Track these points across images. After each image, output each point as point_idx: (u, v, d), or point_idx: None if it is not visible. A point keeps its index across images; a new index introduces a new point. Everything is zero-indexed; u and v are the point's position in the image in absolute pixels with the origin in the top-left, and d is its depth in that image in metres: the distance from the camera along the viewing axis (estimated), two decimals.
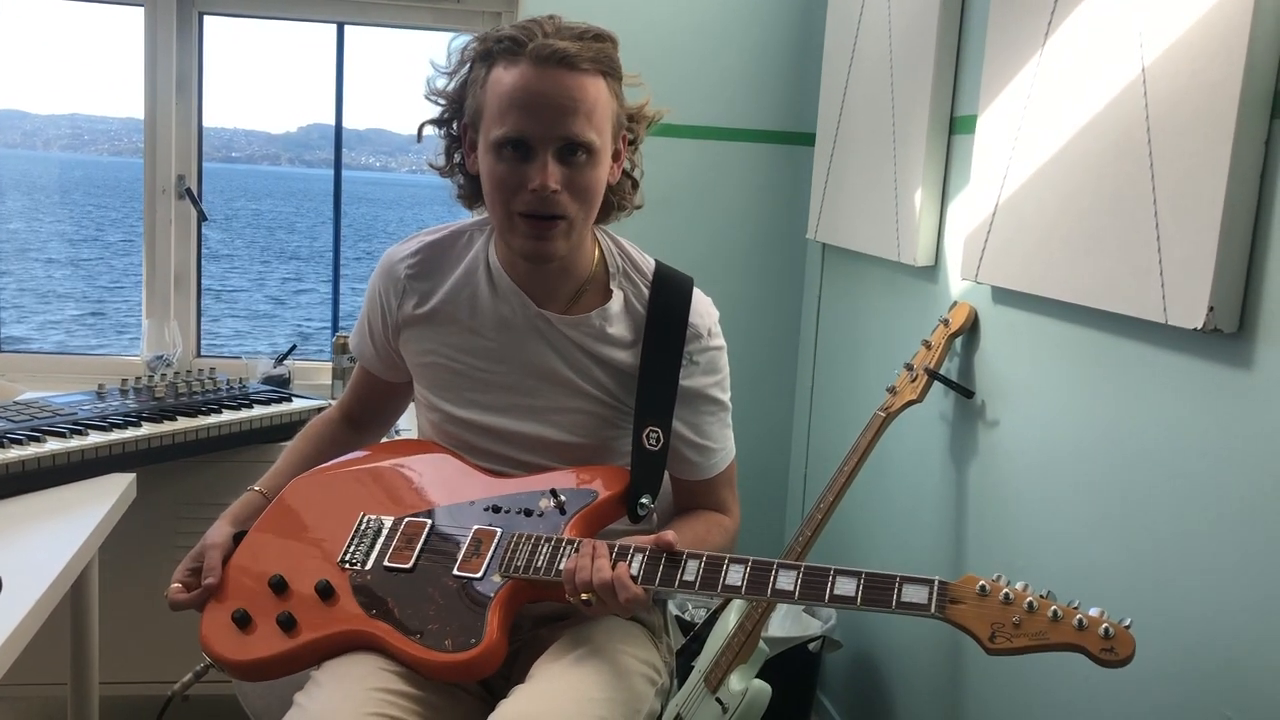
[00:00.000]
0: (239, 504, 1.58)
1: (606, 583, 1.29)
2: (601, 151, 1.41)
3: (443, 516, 1.47)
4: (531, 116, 1.36)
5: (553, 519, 1.42)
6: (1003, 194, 1.81)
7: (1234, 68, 1.29)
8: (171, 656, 1.63)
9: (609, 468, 1.50)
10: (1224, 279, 1.33)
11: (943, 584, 1.17)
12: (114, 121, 47.31)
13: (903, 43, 2.22)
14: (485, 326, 1.51)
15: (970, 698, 1.98)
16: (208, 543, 1.50)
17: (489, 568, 1.37)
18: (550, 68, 1.36)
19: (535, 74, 1.36)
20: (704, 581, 1.29)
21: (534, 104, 1.36)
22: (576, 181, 1.39)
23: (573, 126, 1.36)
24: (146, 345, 2.68)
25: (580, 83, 1.37)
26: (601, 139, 1.40)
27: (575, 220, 1.41)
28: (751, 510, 1.69)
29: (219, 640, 1.40)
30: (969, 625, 1.15)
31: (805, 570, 1.25)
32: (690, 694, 2.15)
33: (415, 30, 2.87)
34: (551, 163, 1.36)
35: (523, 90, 1.36)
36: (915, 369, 2.01)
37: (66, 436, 1.94)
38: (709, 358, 1.52)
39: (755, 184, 2.83)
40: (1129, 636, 1.10)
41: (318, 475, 1.60)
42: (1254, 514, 1.33)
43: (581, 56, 1.36)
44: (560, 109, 1.36)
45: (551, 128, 1.36)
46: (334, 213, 3.05)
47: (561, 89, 1.36)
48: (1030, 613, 1.13)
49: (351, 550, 1.45)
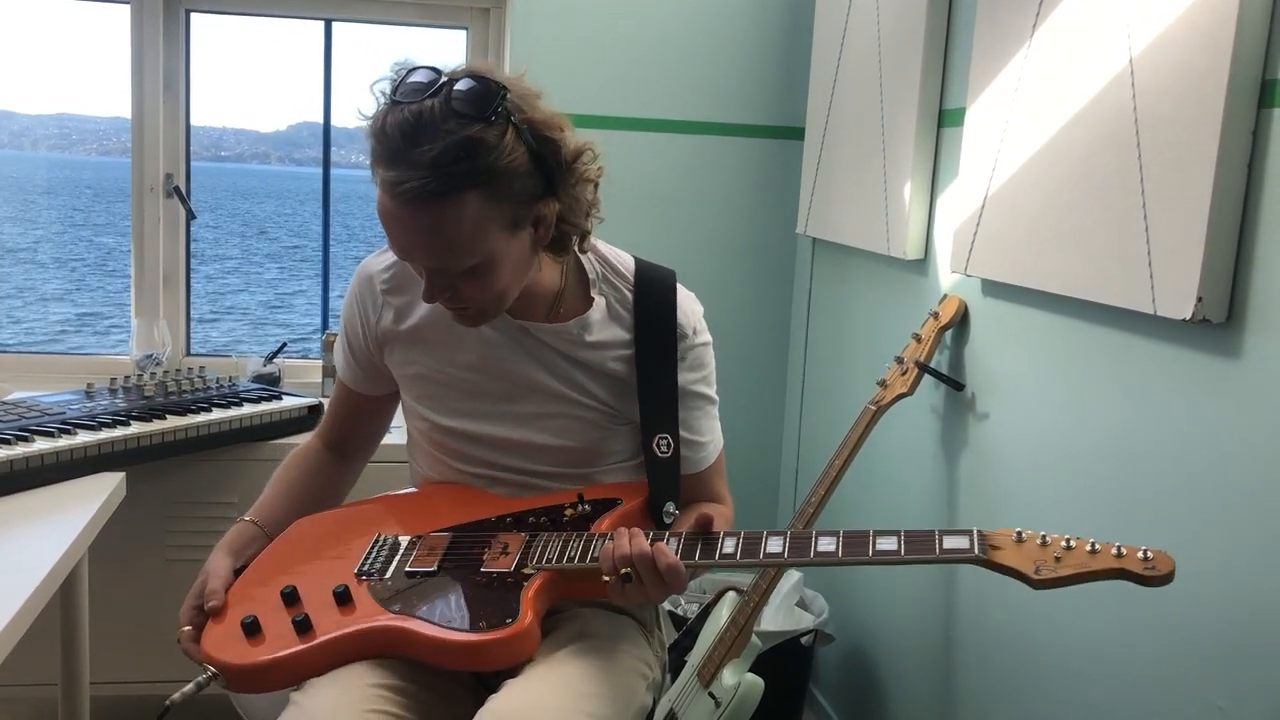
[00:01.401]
0: (233, 534, 1.53)
1: (646, 553, 1.26)
2: (490, 261, 1.30)
3: (464, 530, 1.45)
4: (402, 249, 1.31)
5: (579, 524, 1.41)
6: (991, 186, 1.81)
7: (1221, 57, 1.29)
8: (163, 656, 1.62)
9: (627, 482, 1.50)
10: (1212, 269, 1.33)
11: (981, 532, 1.19)
12: (102, 121, 47.12)
13: (891, 36, 2.22)
14: (464, 337, 1.48)
15: (963, 689, 1.98)
16: (209, 574, 1.45)
17: (519, 563, 1.35)
18: (402, 204, 1.24)
19: (392, 205, 1.25)
20: (745, 551, 1.27)
21: (399, 239, 1.29)
22: (471, 290, 1.33)
23: (444, 260, 1.29)
24: (135, 344, 2.67)
25: (440, 216, 1.24)
26: (485, 251, 1.28)
27: (489, 307, 1.38)
28: (743, 504, 1.69)
29: (224, 648, 1.32)
30: (1014, 564, 1.16)
31: (845, 534, 1.24)
32: (683, 689, 2.15)
33: (403, 26, 2.86)
34: (439, 283, 1.32)
35: (387, 219, 1.27)
36: (905, 362, 2.01)
37: (55, 436, 1.93)
38: (695, 354, 1.51)
39: (745, 179, 2.83)
40: (1167, 556, 1.12)
41: (325, 513, 1.57)
42: (1244, 503, 1.33)
43: (430, 190, 1.21)
44: (424, 246, 1.28)
45: (426, 260, 1.30)
46: (323, 211, 3.04)
47: (420, 225, 1.25)
48: (1069, 549, 1.16)
49: (369, 562, 1.42)
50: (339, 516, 1.57)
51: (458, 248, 1.27)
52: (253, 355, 2.73)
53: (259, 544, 1.52)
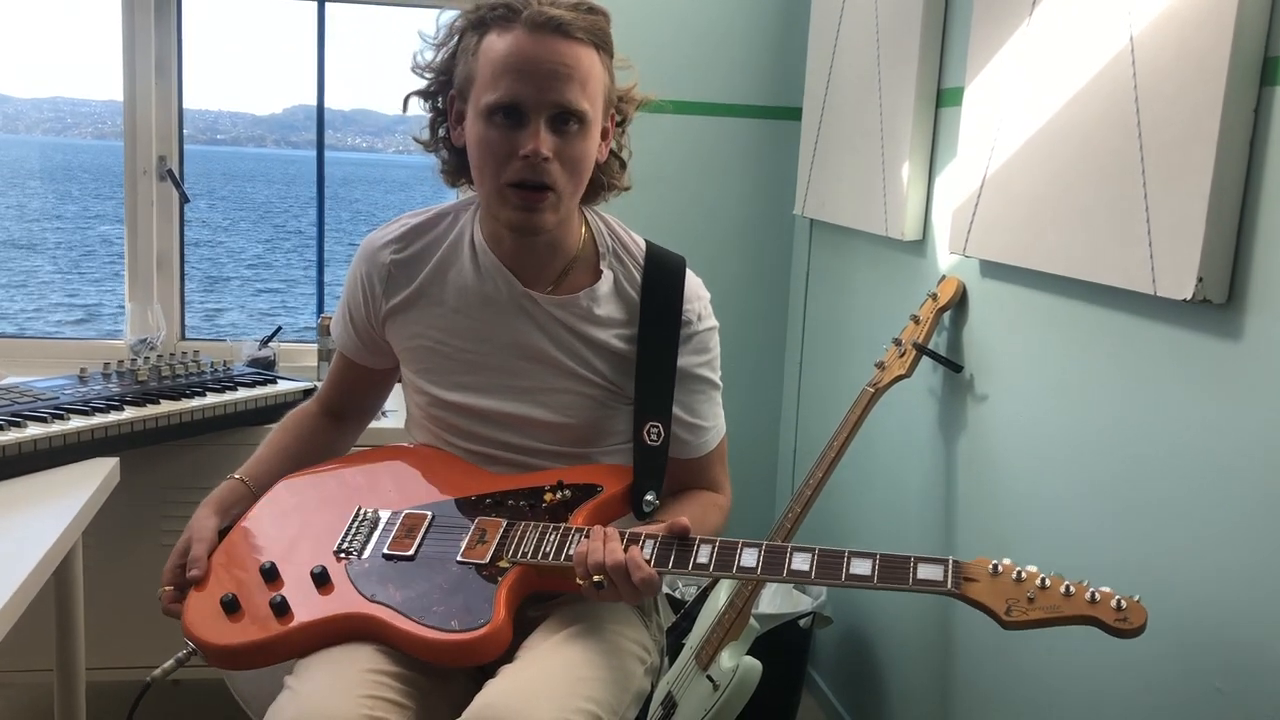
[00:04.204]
0: (222, 490, 1.55)
1: (619, 563, 1.27)
2: (593, 123, 1.39)
3: (444, 509, 1.45)
4: (526, 81, 1.35)
5: (558, 511, 1.41)
6: (990, 167, 1.80)
7: (1223, 35, 1.28)
8: (159, 640, 1.61)
9: (611, 466, 1.49)
10: (1213, 249, 1.32)
11: (956, 563, 1.19)
12: (97, 104, 46.98)
13: (888, 15, 2.20)
14: (470, 306, 1.49)
15: (960, 671, 1.98)
16: (193, 535, 1.47)
17: (495, 554, 1.35)
18: (546, 34, 1.35)
19: (530, 40, 1.35)
20: (719, 564, 1.28)
21: (529, 69, 1.35)
22: (567, 152, 1.37)
23: (567, 93, 1.35)
24: (130, 328, 2.66)
25: (575, 51, 1.36)
26: (594, 109, 1.39)
27: (564, 193, 1.40)
28: (742, 487, 1.69)
29: (204, 625, 1.35)
30: (985, 601, 1.16)
31: (820, 552, 1.24)
32: (681, 672, 2.15)
33: (397, 7, 2.84)
34: (544, 130, 1.35)
35: (517, 55, 1.35)
36: (904, 344, 2.00)
37: (48, 421, 1.92)
38: (700, 339, 1.51)
39: (742, 160, 2.82)
40: (1141, 608, 1.13)
41: (308, 473, 1.57)
42: (1244, 484, 1.32)
43: (577, 25, 1.36)
44: (555, 75, 1.35)
45: (545, 93, 1.35)
46: (317, 194, 3.03)
47: (556, 55, 1.35)
48: (1043, 589, 1.15)
49: (348, 540, 1.43)
50: (323, 480, 1.56)
51: (585, 86, 1.37)
52: (247, 339, 2.72)
53: (246, 504, 1.54)
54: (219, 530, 1.49)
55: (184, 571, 1.43)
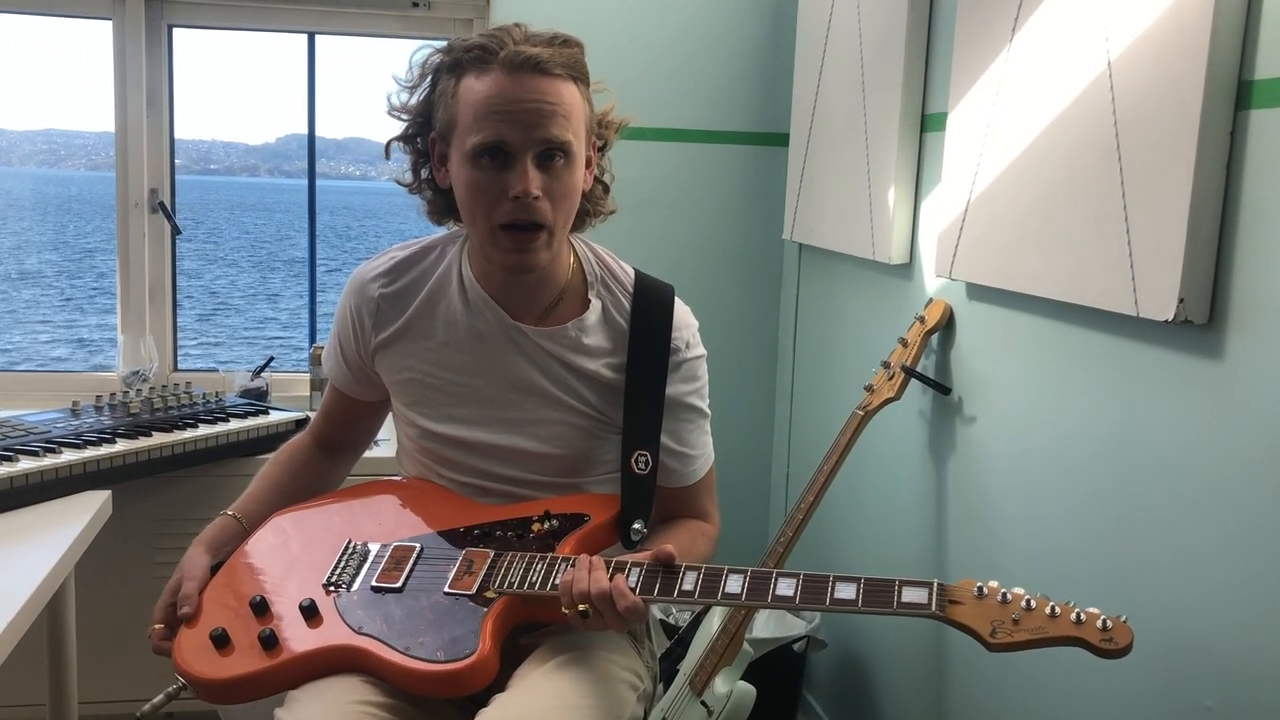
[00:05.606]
0: (213, 529, 1.55)
1: (604, 593, 1.27)
2: (578, 154, 1.41)
3: (432, 541, 1.45)
4: (510, 123, 1.35)
5: (546, 541, 1.41)
6: (974, 190, 1.82)
7: (1198, 60, 1.30)
8: (151, 675, 1.61)
9: (599, 495, 1.50)
10: (1193, 270, 1.33)
11: (941, 585, 1.19)
12: (90, 136, 47.01)
13: (873, 42, 2.23)
14: (459, 340, 1.49)
15: (955, 693, 1.98)
16: (184, 573, 1.47)
17: (482, 584, 1.35)
18: (525, 74, 1.36)
19: (509, 81, 1.36)
20: (704, 590, 1.28)
21: (512, 110, 1.35)
22: (556, 187, 1.38)
23: (552, 129, 1.36)
24: (122, 361, 2.66)
25: (555, 87, 1.37)
26: (578, 141, 1.40)
27: (555, 229, 1.41)
28: (733, 511, 1.69)
29: (194, 660, 1.35)
30: (970, 623, 1.16)
31: (805, 577, 1.25)
32: (675, 697, 2.15)
33: (388, 39, 2.86)
34: (531, 168, 1.36)
35: (499, 97, 1.36)
36: (892, 367, 2.01)
37: (40, 455, 1.92)
38: (688, 367, 1.52)
39: (730, 185, 2.84)
40: (1127, 628, 1.13)
41: (300, 508, 1.58)
42: (1228, 503, 1.33)
43: (554, 61, 1.37)
44: (539, 113, 1.36)
45: (531, 131, 1.36)
46: (309, 223, 3.04)
47: (538, 94, 1.36)
48: (1028, 610, 1.15)
49: (337, 573, 1.43)
50: (314, 515, 1.57)
51: (569, 120, 1.38)
52: (240, 370, 2.72)
53: (238, 540, 1.54)
54: (211, 567, 1.50)
55: (175, 610, 1.43)
